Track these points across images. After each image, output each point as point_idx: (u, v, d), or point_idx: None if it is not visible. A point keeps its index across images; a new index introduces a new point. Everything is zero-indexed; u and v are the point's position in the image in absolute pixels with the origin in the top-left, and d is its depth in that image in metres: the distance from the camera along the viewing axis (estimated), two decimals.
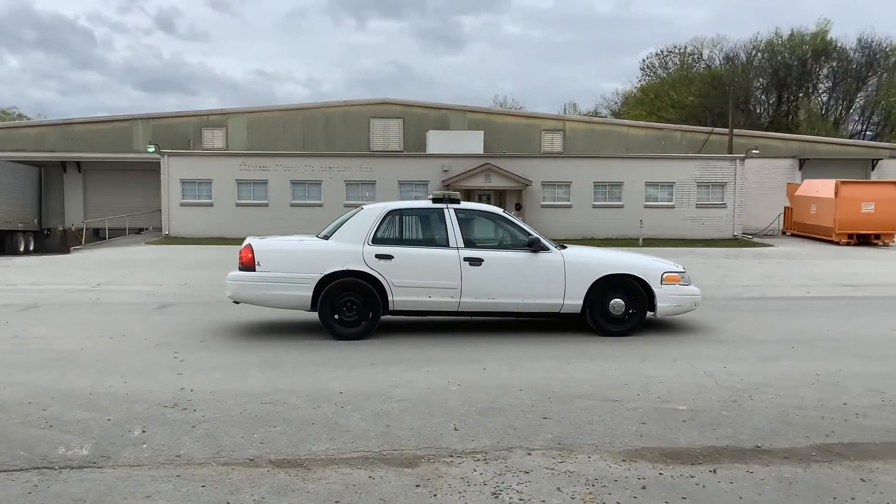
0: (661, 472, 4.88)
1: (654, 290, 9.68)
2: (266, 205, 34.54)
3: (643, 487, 4.61)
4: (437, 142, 39.42)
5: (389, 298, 9.44)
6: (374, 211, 9.84)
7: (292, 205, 34.66)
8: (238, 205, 34.36)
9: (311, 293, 9.37)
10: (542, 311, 9.76)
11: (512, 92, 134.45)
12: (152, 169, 35.81)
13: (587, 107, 79.91)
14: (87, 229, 35.27)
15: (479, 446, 5.37)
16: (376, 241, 9.54)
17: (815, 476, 4.83)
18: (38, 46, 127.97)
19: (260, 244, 9.65)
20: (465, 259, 9.46)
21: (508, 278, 9.54)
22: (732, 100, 47.04)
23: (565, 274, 9.60)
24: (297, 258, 9.56)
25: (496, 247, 9.84)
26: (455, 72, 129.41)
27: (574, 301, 9.62)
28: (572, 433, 5.66)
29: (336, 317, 9.42)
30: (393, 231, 9.77)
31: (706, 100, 59.09)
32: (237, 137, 42.50)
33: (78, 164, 39.28)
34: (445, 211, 9.75)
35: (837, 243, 30.98)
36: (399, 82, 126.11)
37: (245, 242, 9.75)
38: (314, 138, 42.61)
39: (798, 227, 35.79)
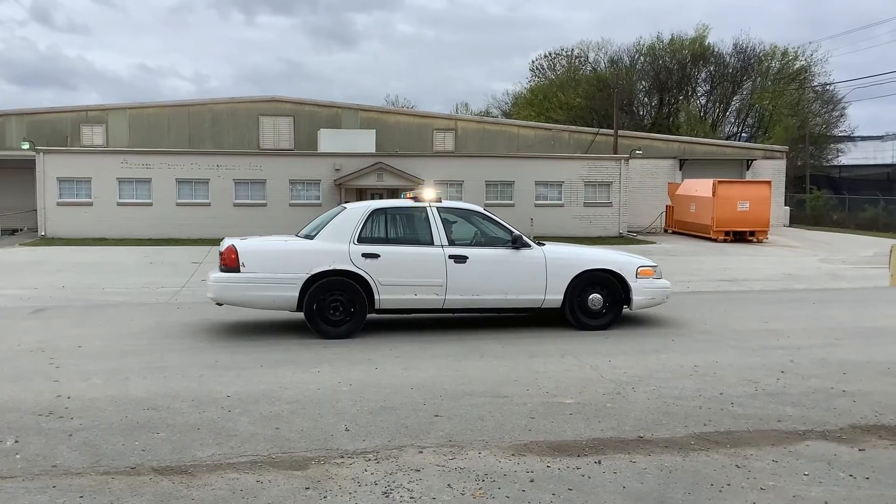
0: (548, 464, 4.99)
1: (630, 284, 10.03)
2: (150, 204, 33.37)
3: (531, 481, 4.70)
4: (329, 140, 39.04)
5: (376, 297, 9.48)
6: (358, 210, 9.90)
7: (178, 204, 33.60)
8: (119, 204, 33.04)
9: (297, 293, 9.31)
10: (524, 306, 10.05)
11: (405, 91, 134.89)
12: (27, 167, 33.99)
13: (479, 107, 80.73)
14: None
15: (371, 446, 5.35)
16: (362, 240, 9.57)
17: (694, 464, 5.03)
18: None
19: (244, 245, 9.50)
20: (451, 257, 9.62)
21: (492, 275, 9.76)
22: (617, 102, 48.53)
23: (547, 270, 9.86)
24: (282, 258, 9.50)
25: (479, 244, 9.99)
26: (348, 70, 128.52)
27: (555, 296, 9.90)
28: (463, 430, 5.71)
29: (322, 316, 9.37)
30: (378, 230, 9.81)
31: (592, 101, 60.67)
32: (118, 134, 40.88)
33: None
34: (429, 209, 9.89)
35: (715, 240, 32.41)
36: (291, 79, 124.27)
37: (226, 243, 9.58)
38: (201, 136, 41.45)
39: (679, 225, 37.27)
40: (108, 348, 8.80)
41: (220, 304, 9.85)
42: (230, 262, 9.35)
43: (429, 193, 10.20)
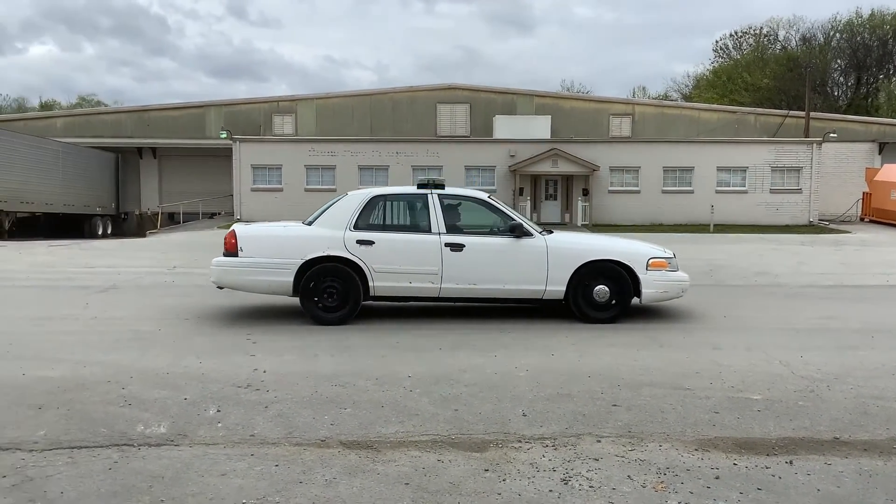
0: (735, 462, 4.79)
1: (640, 276, 9.52)
2: (334, 190, 34.87)
3: (717, 477, 4.53)
4: (504, 127, 39.25)
5: (370, 284, 9.46)
6: (357, 196, 9.87)
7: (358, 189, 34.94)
8: (307, 190, 34.81)
9: (292, 278, 9.39)
10: (524, 297, 9.68)
11: (581, 76, 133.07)
12: (224, 154, 36.54)
13: (657, 90, 78.64)
14: (162, 214, 36.26)
15: (548, 432, 5.34)
16: (358, 226, 9.56)
17: None
18: (114, 34, 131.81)
19: (243, 230, 9.76)
20: (447, 245, 9.45)
21: (490, 264, 9.51)
22: (809, 82, 45.60)
23: (548, 260, 9.50)
24: (278, 244, 9.65)
25: (479, 232, 9.74)
26: (524, 56, 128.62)
27: (557, 287, 9.53)
28: (642, 421, 5.59)
29: (317, 302, 9.43)
30: (376, 217, 9.76)
31: (781, 82, 57.41)
32: (306, 123, 43.05)
33: (153, 150, 40.37)
34: (429, 197, 9.72)
35: None
36: (467, 67, 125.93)
37: (231, 228, 9.90)
38: (381, 124, 42.88)
39: (877, 214, 34.58)
40: (299, 326, 9.29)
41: (220, 288, 9.99)
42: (230, 247, 9.58)
43: (429, 179, 10.02)
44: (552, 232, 10.16)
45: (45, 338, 8.49)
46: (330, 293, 9.41)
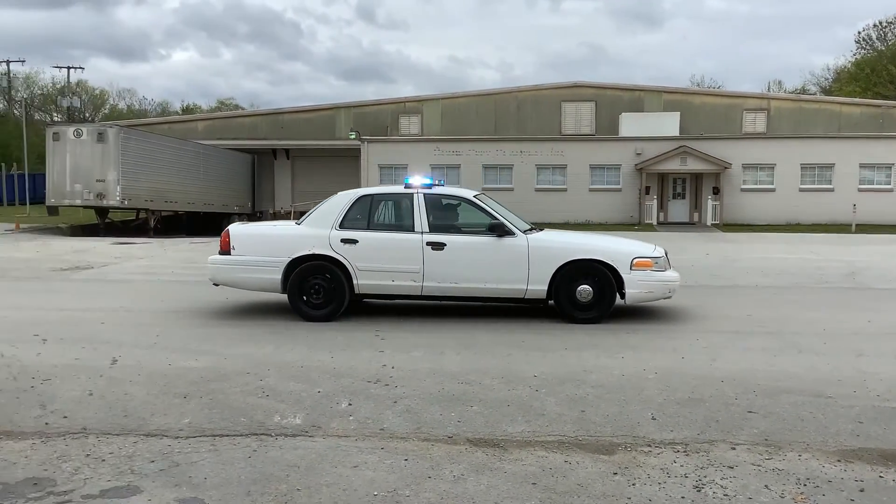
0: (881, 474, 4.53)
1: (623, 275, 9.30)
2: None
3: (861, 490, 4.30)
4: (631, 124, 38.53)
5: (354, 282, 9.55)
6: (345, 196, 10.01)
7: (483, 189, 35.11)
8: None
9: (280, 276, 9.58)
10: (506, 296, 9.61)
11: (711, 71, 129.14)
12: (353, 154, 37.51)
13: (794, 84, 75.11)
14: (294, 212, 37.57)
15: (679, 437, 5.22)
16: (344, 225, 9.67)
17: None
18: (250, 39, 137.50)
19: (236, 229, 10.05)
20: (428, 244, 9.45)
21: (471, 263, 9.48)
22: None
23: (529, 259, 9.39)
24: (267, 242, 9.90)
25: (462, 232, 9.72)
26: (651, 51, 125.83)
27: (538, 286, 9.40)
28: (780, 429, 5.37)
29: (304, 299, 9.58)
30: (362, 216, 9.81)
31: None
32: (432, 123, 43.61)
33: (287, 151, 41.90)
34: (415, 196, 9.74)
35: None
36: (592, 64, 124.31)
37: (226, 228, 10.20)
38: (505, 123, 42.91)
39: None
40: (425, 323, 9.43)
41: (216, 285, 10.24)
42: (224, 246, 9.84)
43: (417, 179, 9.97)
44: (542, 230, 10.20)
45: (188, 330, 8.96)
46: (316, 291, 9.57)
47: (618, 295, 9.50)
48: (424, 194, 9.77)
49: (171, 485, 4.42)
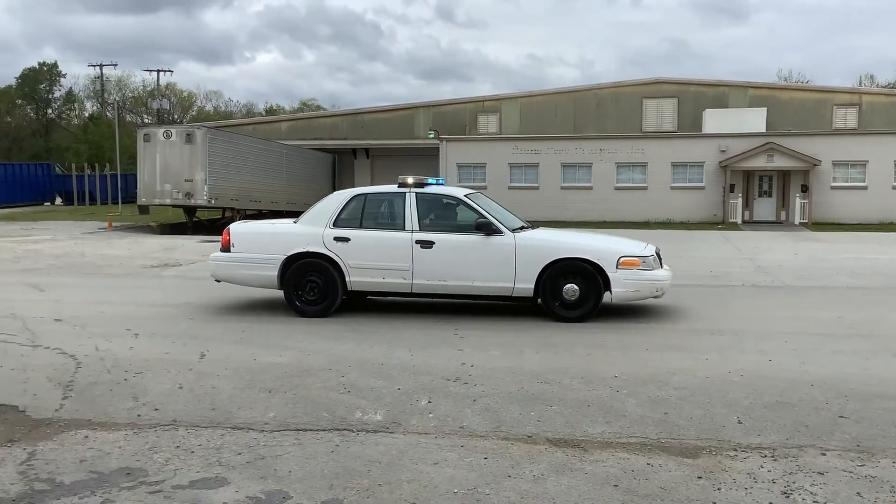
0: None
1: (609, 274, 9.25)
2: (536, 188, 35.07)
3: None
4: (715, 121, 37.64)
5: (347, 279, 9.71)
6: (339, 195, 10.30)
7: (562, 188, 34.88)
8: (510, 188, 35.18)
9: (276, 273, 9.80)
10: (493, 294, 9.70)
11: (799, 65, 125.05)
12: (431, 154, 37.70)
13: (887, 78, 72.04)
14: None
15: (766, 442, 5.08)
16: (338, 224, 9.84)
17: None
18: (331, 41, 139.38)
19: (236, 228, 10.39)
20: (417, 242, 9.57)
21: (459, 261, 9.56)
22: None
23: (516, 257, 9.42)
24: (265, 240, 10.15)
25: (450, 230, 9.77)
26: (736, 45, 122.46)
27: (525, 285, 9.43)
28: (874, 435, 5.17)
29: (299, 295, 9.79)
30: (355, 214, 9.96)
31: None
32: (510, 122, 43.49)
33: (366, 151, 42.40)
34: (407, 195, 9.86)
35: None
36: (674, 60, 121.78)
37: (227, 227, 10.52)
38: (585, 121, 42.46)
39: None
40: (504, 323, 9.42)
41: (218, 281, 10.50)
42: (224, 243, 10.14)
43: (410, 179, 10.10)
44: (535, 227, 10.34)
45: (272, 326, 9.16)
46: (311, 287, 9.78)
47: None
48: (416, 193, 9.91)
49: (257, 477, 4.53)
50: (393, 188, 10.23)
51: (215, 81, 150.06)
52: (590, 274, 9.36)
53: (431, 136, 37.35)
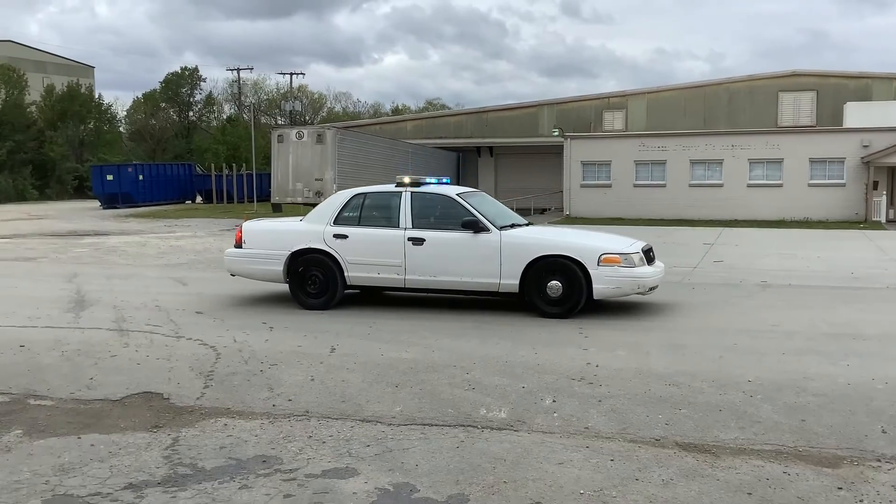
0: None
1: (591, 271, 9.37)
2: (664, 185, 34.19)
3: None
4: (856, 114, 35.59)
5: (345, 274, 10.16)
6: (342, 195, 10.80)
7: (690, 185, 33.87)
8: (635, 186, 34.48)
9: (282, 267, 10.33)
10: (481, 289, 9.99)
11: None
12: (555, 152, 37.43)
13: None
14: None
15: None
16: (338, 221, 10.33)
17: None
18: (456, 40, 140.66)
19: (248, 226, 11.00)
20: (409, 239, 9.95)
21: (448, 257, 9.89)
22: None
23: (501, 254, 9.68)
24: (272, 237, 10.72)
25: (441, 228, 10.05)
26: (881, 35, 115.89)
27: (510, 281, 9.68)
28: None
29: (303, 289, 10.27)
30: (355, 213, 10.45)
31: None
32: (636, 118, 42.60)
33: (490, 149, 42.52)
34: (402, 194, 10.25)
35: None
36: (812, 51, 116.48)
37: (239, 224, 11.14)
38: (715, 116, 41.06)
39: None
40: (630, 322, 9.26)
41: (233, 275, 11.07)
42: (237, 240, 10.79)
43: (406, 178, 10.54)
44: (529, 225, 10.70)
45: (399, 322, 9.33)
46: (313, 281, 10.26)
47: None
48: (411, 192, 10.30)
49: (385, 469, 4.64)
50: (390, 187, 10.70)
51: (344, 83, 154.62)
52: (572, 271, 9.51)
53: (556, 133, 37.07)
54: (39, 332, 8.72)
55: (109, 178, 44.59)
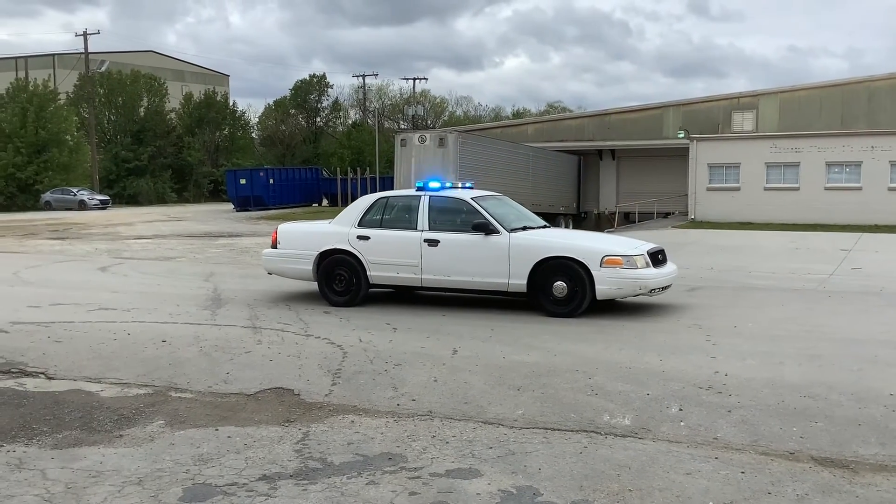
0: None
1: (593, 272, 9.60)
2: (797, 188, 32.73)
3: None
4: None
5: (368, 273, 10.66)
6: (366, 199, 11.36)
7: (826, 188, 32.28)
8: (766, 189, 33.16)
9: (311, 267, 10.93)
10: (491, 289, 10.39)
11: None
12: (680, 154, 36.45)
13: None
14: (618, 213, 37.47)
15: None
16: (362, 224, 10.86)
17: None
18: (578, 42, 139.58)
19: (282, 227, 11.63)
20: (425, 240, 10.42)
21: (460, 258, 10.29)
22: None
23: (509, 256, 10.01)
24: (303, 238, 11.32)
25: (455, 230, 10.47)
26: None
27: (518, 281, 10.01)
28: None
29: (330, 286, 10.81)
30: (378, 215, 10.97)
31: None
32: (768, 119, 40.94)
33: (612, 152, 41.86)
34: (421, 197, 10.75)
35: None
36: None
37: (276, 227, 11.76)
38: (854, 116, 38.95)
39: None
40: (761, 331, 8.94)
41: (270, 273, 11.81)
42: (273, 241, 11.46)
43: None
44: (545, 227, 11.24)
45: (520, 325, 9.34)
46: (339, 280, 10.82)
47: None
48: (429, 196, 10.79)
49: (507, 472, 4.66)
50: (411, 192, 11.39)
51: (465, 87, 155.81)
52: (575, 272, 9.77)
53: (681, 135, 36.08)
54: (180, 328, 9.21)
55: (242, 181, 46.66)
